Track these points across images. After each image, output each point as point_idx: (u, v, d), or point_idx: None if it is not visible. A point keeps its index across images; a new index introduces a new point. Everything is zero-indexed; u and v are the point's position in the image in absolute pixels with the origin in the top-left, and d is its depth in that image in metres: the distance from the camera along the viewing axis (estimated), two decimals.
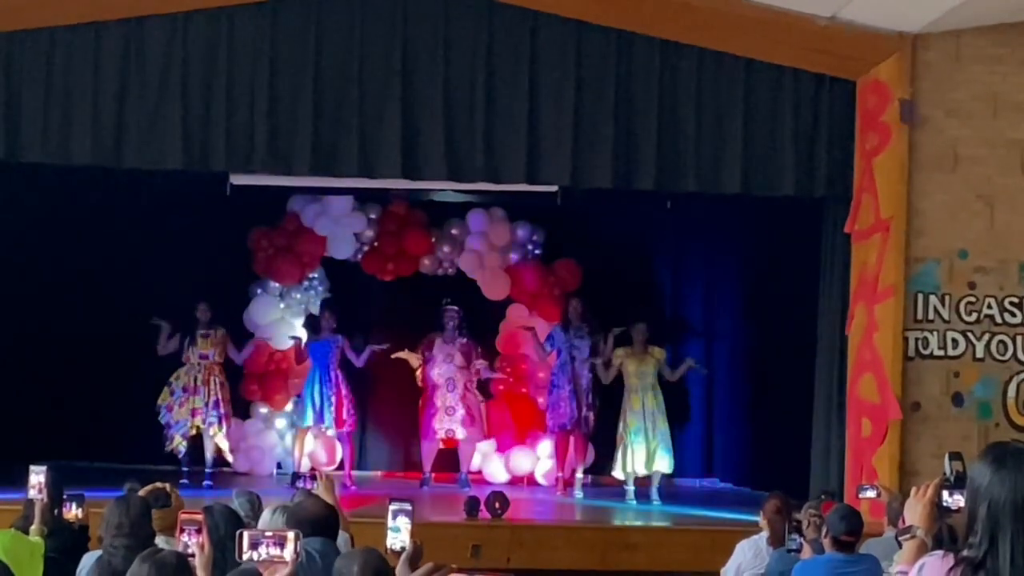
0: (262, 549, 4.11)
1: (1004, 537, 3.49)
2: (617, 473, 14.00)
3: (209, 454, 14.28)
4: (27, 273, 14.45)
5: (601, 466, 14.71)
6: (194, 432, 14.20)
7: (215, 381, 14.26)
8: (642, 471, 13.84)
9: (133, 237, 15.13)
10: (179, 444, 14.17)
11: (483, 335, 15.33)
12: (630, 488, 13.88)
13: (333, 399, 14.33)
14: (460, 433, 14.61)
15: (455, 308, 14.85)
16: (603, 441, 14.42)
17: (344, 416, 14.41)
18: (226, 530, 5.40)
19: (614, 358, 14.09)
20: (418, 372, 14.85)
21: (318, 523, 6.08)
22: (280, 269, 15.66)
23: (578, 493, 14.24)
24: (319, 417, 14.36)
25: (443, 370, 14.63)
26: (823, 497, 9.51)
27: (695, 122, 12.53)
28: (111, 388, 15.05)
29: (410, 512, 5.10)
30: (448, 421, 14.56)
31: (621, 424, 13.94)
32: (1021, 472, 3.53)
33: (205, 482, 13.93)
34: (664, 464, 13.88)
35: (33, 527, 7.30)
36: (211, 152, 12.28)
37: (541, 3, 12.37)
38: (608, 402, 14.30)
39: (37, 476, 7.42)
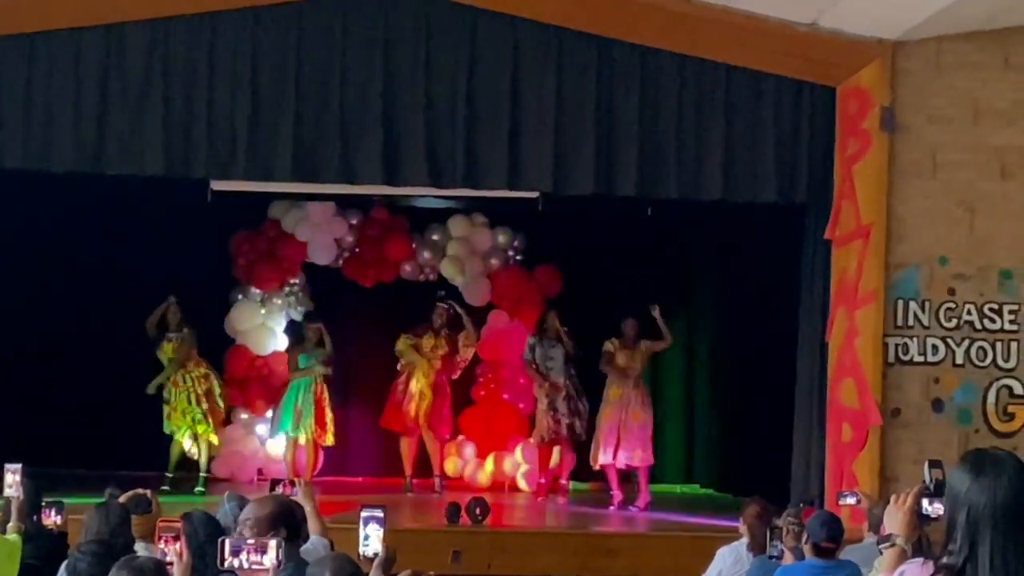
0: (243, 556, 4.09)
1: (983, 544, 3.50)
2: (593, 462, 14.02)
3: (203, 458, 14.29)
4: (6, 279, 14.39)
5: (581, 472, 14.75)
6: (194, 433, 14.22)
7: (190, 378, 14.24)
8: (616, 463, 13.85)
9: (113, 242, 15.11)
10: (191, 449, 14.24)
11: None
12: (615, 493, 13.90)
13: (314, 410, 14.37)
14: (429, 429, 14.65)
15: (445, 306, 14.86)
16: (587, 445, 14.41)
17: (326, 427, 14.48)
18: (206, 536, 5.39)
19: (604, 351, 14.07)
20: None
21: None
22: (261, 275, 15.65)
23: (560, 499, 14.24)
24: (296, 425, 14.38)
25: (426, 364, 14.66)
26: (803, 505, 9.52)
27: (676, 128, 12.53)
28: (92, 393, 15.01)
29: (381, 519, 5.10)
30: (422, 406, 14.58)
31: (599, 415, 13.98)
32: (999, 479, 3.55)
33: (197, 488, 13.91)
34: (637, 458, 13.86)
35: (10, 524, 7.27)
36: (192, 158, 12.26)
37: (522, 9, 12.38)
38: (597, 393, 14.30)
39: (12, 474, 7.41)
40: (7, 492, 7.41)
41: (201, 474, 14.24)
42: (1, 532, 7.27)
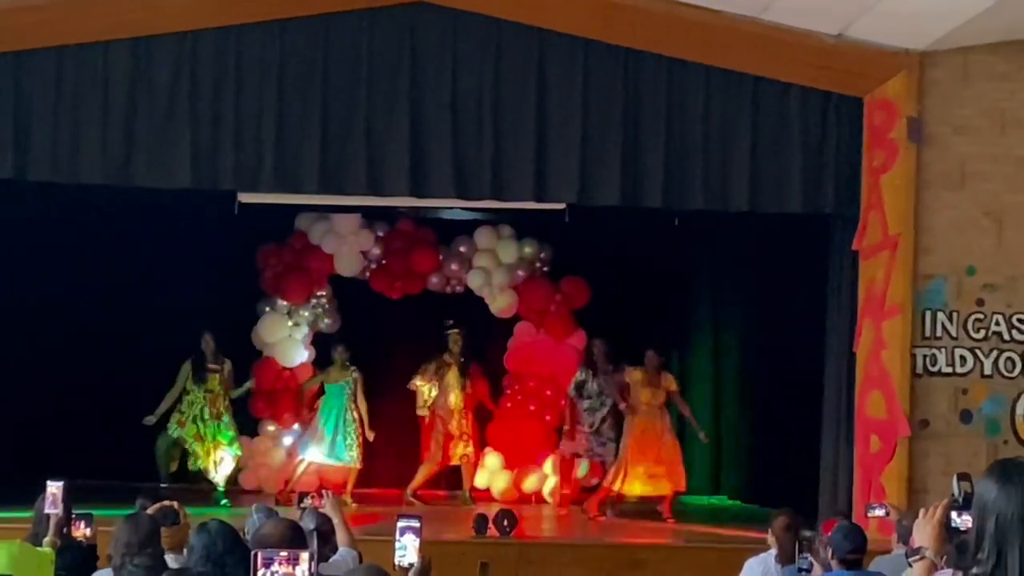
0: (275, 568, 4.08)
1: (1012, 551, 3.50)
2: (616, 487, 13.93)
3: (226, 472, 14.35)
4: (35, 291, 14.46)
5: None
6: (202, 459, 14.28)
7: (219, 408, 14.34)
8: (644, 492, 13.84)
9: (141, 255, 15.17)
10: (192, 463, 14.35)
11: (491, 353, 15.38)
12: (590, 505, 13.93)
13: (356, 437, 14.40)
14: (471, 455, 14.82)
15: (458, 331, 14.84)
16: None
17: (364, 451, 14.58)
18: (224, 546, 5.37)
19: (627, 377, 13.97)
20: (426, 399, 14.91)
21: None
22: (288, 287, 15.67)
23: (609, 512, 14.06)
24: (330, 453, 14.42)
25: (458, 398, 14.70)
26: (831, 517, 9.48)
27: (702, 139, 12.54)
28: (119, 406, 15.04)
29: (418, 529, 5.10)
30: (463, 447, 14.69)
31: (623, 445, 13.89)
32: None
33: (223, 501, 13.94)
34: (669, 486, 13.81)
35: (47, 539, 7.33)
36: (219, 170, 12.32)
37: (548, 21, 12.40)
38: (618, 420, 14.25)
39: (53, 490, 7.46)
40: (47, 507, 7.46)
41: (220, 488, 14.28)
42: (36, 544, 7.32)
